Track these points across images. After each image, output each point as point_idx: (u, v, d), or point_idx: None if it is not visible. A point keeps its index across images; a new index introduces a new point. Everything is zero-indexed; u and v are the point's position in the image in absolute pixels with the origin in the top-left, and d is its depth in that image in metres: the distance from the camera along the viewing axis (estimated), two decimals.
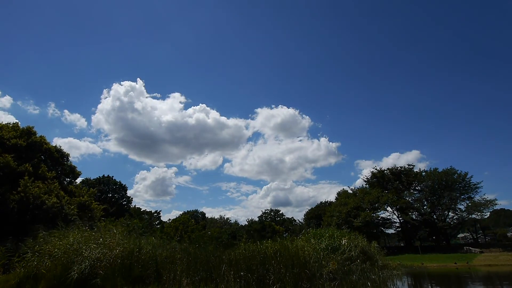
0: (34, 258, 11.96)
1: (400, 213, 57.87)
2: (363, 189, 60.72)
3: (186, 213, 77.09)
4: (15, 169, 22.35)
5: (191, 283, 11.64)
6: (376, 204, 54.42)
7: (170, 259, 12.99)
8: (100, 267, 11.41)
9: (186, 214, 65.93)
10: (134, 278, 11.36)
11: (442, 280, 22.90)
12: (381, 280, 16.46)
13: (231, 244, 20.01)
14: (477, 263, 33.33)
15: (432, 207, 55.69)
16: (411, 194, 58.63)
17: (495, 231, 75.78)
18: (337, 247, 18.70)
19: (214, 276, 12.07)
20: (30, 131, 27.19)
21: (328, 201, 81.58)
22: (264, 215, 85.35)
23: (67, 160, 30.89)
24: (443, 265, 33.64)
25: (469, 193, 53.82)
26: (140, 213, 60.97)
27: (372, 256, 20.51)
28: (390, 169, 62.49)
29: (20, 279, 11.21)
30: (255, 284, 11.79)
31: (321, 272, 13.73)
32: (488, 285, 19.44)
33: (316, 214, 79.29)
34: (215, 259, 13.01)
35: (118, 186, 61.32)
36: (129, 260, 11.87)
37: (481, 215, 52.48)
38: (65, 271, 10.89)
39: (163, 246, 14.46)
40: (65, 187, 28.27)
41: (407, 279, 22.19)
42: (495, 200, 51.91)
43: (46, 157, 28.35)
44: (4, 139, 24.03)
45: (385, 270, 19.60)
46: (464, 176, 54.05)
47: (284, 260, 12.76)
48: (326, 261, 15.40)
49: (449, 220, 55.70)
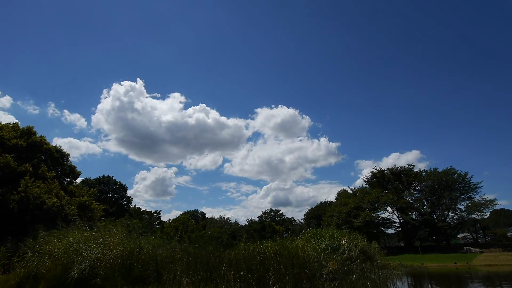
0: (34, 258, 11.97)
1: (400, 213, 57.87)
2: (363, 189, 60.73)
3: (186, 213, 77.11)
4: (15, 169, 22.35)
5: (191, 283, 11.65)
6: (376, 204, 54.41)
7: (170, 259, 12.99)
8: (100, 267, 11.42)
9: (186, 214, 65.94)
10: (134, 278, 11.36)
11: (442, 280, 22.90)
12: (381, 280, 16.47)
13: (231, 244, 20.00)
14: (477, 263, 33.32)
15: (432, 207, 55.68)
16: (411, 194, 58.64)
17: (495, 231, 75.77)
18: (337, 247, 18.72)
19: (214, 276, 12.08)
20: (30, 131, 27.21)
21: (328, 201, 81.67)
22: (264, 215, 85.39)
23: (67, 160, 30.92)
24: (443, 265, 33.64)
25: (469, 193, 53.84)
26: (140, 213, 61.00)
27: (372, 256, 20.52)
28: (390, 169, 62.53)
29: (20, 279, 11.21)
30: (255, 284, 11.80)
31: (321, 272, 13.74)
32: (488, 285, 19.44)
33: (316, 214, 79.31)
34: (215, 259, 13.02)
35: (118, 186, 61.31)
36: (129, 260, 11.88)
37: (481, 215, 52.48)
38: (65, 271, 10.89)
39: (163, 246, 14.46)
40: (65, 187, 28.29)
41: (407, 279, 22.19)
42: (495, 200, 52.01)
43: (46, 157, 28.37)
44: (4, 139, 24.04)
45: (385, 270, 19.60)
46: (464, 176, 54.05)
47: (284, 260, 12.77)
48: (326, 261, 15.41)
49: (449, 220, 55.70)
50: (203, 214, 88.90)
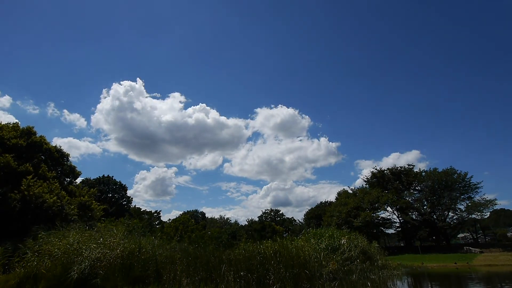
0: (34, 258, 11.99)
1: (400, 213, 57.87)
2: (363, 189, 60.72)
3: (186, 213, 77.13)
4: (16, 169, 22.35)
5: (191, 283, 11.65)
6: (376, 204, 54.42)
7: (170, 259, 13.00)
8: (100, 267, 11.43)
9: (186, 214, 65.89)
10: (134, 278, 11.36)
11: (442, 280, 22.89)
12: (381, 280, 16.47)
13: (231, 244, 20.02)
14: (477, 263, 33.30)
15: (432, 207, 55.66)
16: (411, 194, 58.63)
17: (495, 231, 75.77)
18: (337, 247, 18.73)
19: (214, 276, 12.08)
20: (30, 131, 27.21)
21: (328, 201, 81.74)
22: (264, 215, 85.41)
23: (67, 160, 30.90)
24: (443, 265, 33.62)
25: (469, 193, 53.81)
26: (140, 213, 61.06)
27: (372, 256, 20.52)
28: (390, 169, 62.53)
29: (20, 279, 11.22)
30: (255, 284, 11.80)
31: (321, 272, 13.74)
32: (488, 285, 19.42)
33: (316, 214, 79.32)
34: (215, 259, 13.02)
35: (118, 186, 61.31)
36: (129, 260, 11.88)
37: (481, 215, 52.45)
38: (65, 271, 10.90)
39: (163, 246, 14.47)
40: (66, 187, 28.27)
41: (407, 279, 22.19)
42: (495, 200, 51.95)
43: (46, 157, 28.35)
44: (4, 139, 24.04)
45: (385, 270, 19.61)
46: (464, 176, 54.06)
47: (284, 260, 12.78)
48: (326, 261, 15.41)
49: (449, 220, 55.69)
50: (203, 214, 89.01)
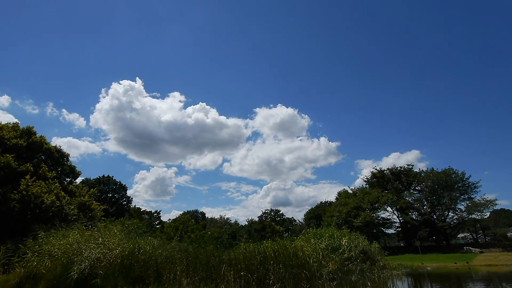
0: (34, 258, 11.98)
1: (400, 213, 57.88)
2: (363, 189, 60.76)
3: (186, 213, 77.19)
4: (16, 169, 22.36)
5: (191, 283, 11.65)
6: (376, 204, 54.44)
7: (170, 259, 12.98)
8: (100, 267, 11.43)
9: (186, 214, 65.93)
10: (134, 278, 11.36)
11: (442, 280, 22.90)
12: (381, 280, 16.45)
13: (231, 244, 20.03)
14: (477, 263, 33.29)
15: (432, 207, 55.68)
16: (411, 194, 58.65)
17: (495, 231, 75.76)
18: (337, 247, 18.71)
19: (214, 276, 12.07)
20: (30, 131, 27.21)
21: (328, 201, 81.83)
22: (264, 215, 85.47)
23: (67, 160, 30.88)
24: (443, 265, 33.61)
25: (469, 193, 53.83)
26: (140, 213, 61.16)
27: (372, 256, 20.50)
28: (390, 169, 62.54)
29: (20, 279, 11.22)
30: (255, 284, 11.79)
31: (321, 272, 13.73)
32: (488, 285, 19.43)
33: (316, 214, 79.39)
34: (215, 259, 13.00)
35: (118, 186, 61.36)
36: (129, 260, 11.88)
37: (481, 215, 52.46)
38: (65, 271, 10.89)
39: (163, 246, 14.47)
40: (65, 187, 28.27)
41: (407, 279, 22.19)
42: (495, 200, 51.91)
43: (46, 157, 28.35)
44: (4, 139, 24.04)
45: (385, 270, 19.59)
46: (462, 175, 54.11)
47: (284, 260, 12.76)
48: (326, 261, 15.40)
49: (449, 220, 55.69)
50: (203, 214, 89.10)
